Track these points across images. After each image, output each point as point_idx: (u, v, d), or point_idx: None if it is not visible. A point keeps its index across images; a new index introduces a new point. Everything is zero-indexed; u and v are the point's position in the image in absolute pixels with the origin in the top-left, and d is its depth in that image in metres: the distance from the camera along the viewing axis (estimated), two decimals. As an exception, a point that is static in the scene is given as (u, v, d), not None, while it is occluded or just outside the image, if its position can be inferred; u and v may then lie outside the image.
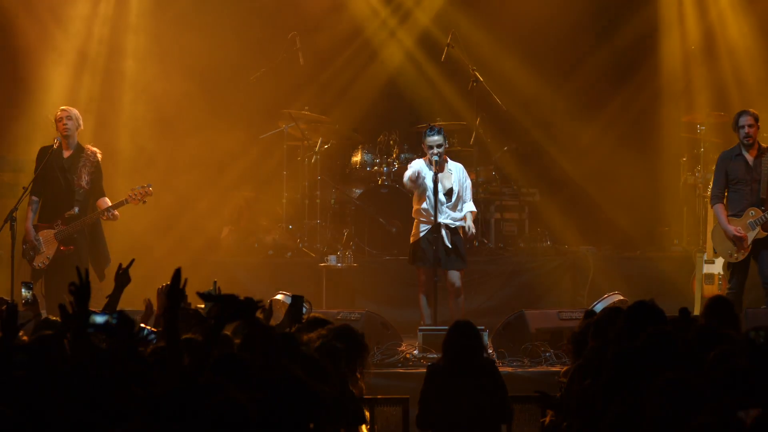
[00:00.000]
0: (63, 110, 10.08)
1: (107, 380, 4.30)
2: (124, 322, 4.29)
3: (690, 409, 4.14)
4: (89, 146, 10.17)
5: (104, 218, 10.00)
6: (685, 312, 6.46)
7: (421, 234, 10.18)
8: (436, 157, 10.02)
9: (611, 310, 6.79)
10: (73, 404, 4.15)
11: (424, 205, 10.16)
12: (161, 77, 13.37)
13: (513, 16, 13.96)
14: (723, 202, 10.12)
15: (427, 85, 13.99)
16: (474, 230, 10.28)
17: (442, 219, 10.04)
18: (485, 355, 7.26)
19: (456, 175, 10.21)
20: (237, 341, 5.31)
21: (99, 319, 4.41)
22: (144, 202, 10.12)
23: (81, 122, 10.13)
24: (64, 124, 9.98)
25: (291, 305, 6.44)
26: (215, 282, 6.64)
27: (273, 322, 6.48)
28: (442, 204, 10.05)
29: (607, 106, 13.93)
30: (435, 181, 9.97)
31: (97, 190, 10.11)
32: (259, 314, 6.14)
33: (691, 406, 4.14)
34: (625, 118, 13.94)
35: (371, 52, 14.14)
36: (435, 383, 6.92)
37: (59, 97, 12.39)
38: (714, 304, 6.96)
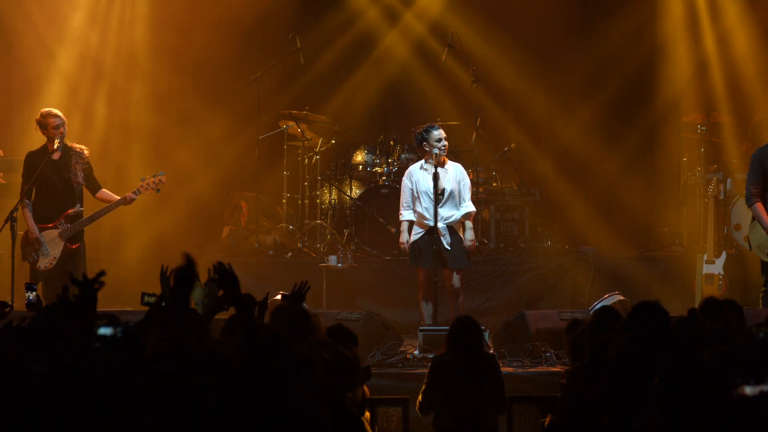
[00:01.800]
0: (57, 116, 10.03)
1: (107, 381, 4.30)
2: (128, 336, 4.27)
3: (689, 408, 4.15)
4: (74, 144, 10.18)
5: (125, 204, 10.02)
6: (693, 313, 6.48)
7: (418, 235, 10.17)
8: (437, 150, 10.00)
9: (605, 310, 6.83)
10: (76, 404, 4.15)
11: (419, 208, 10.15)
12: (161, 77, 13.39)
13: (513, 17, 13.97)
14: (760, 201, 9.96)
15: (427, 85, 13.99)
16: (472, 241, 10.18)
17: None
18: (488, 350, 7.36)
19: (451, 174, 10.15)
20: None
21: (103, 331, 4.38)
22: (158, 190, 10.14)
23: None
24: (61, 132, 9.99)
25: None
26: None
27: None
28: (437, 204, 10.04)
29: (607, 106, 13.93)
30: (435, 178, 9.94)
31: (93, 184, 10.13)
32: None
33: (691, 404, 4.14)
34: (625, 118, 13.94)
35: (372, 52, 14.15)
36: (438, 375, 7.07)
37: (59, 99, 12.40)
38: (707, 305, 6.99)
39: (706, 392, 4.01)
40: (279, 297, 9.60)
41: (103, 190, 10.16)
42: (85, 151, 10.13)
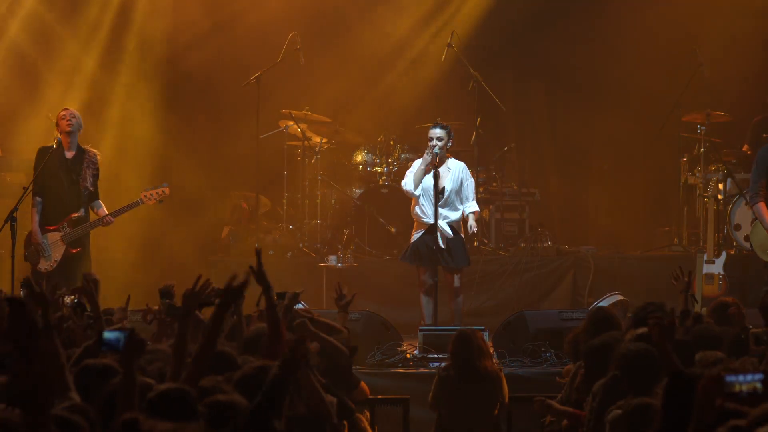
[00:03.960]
0: (66, 109, 10.04)
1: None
2: (134, 342, 4.27)
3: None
4: (89, 147, 10.14)
5: (103, 224, 9.96)
6: (699, 318, 6.52)
7: (419, 234, 10.17)
8: (436, 150, 10.00)
9: (599, 311, 6.88)
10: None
11: (420, 207, 10.15)
12: (160, 76, 13.40)
13: (512, 16, 13.96)
14: (763, 200, 9.92)
15: (427, 85, 13.98)
16: (475, 229, 10.22)
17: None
18: (491, 362, 7.36)
19: (453, 173, 10.14)
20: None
21: (110, 336, 4.38)
22: (161, 202, 10.10)
23: (82, 123, 10.09)
24: (68, 121, 9.89)
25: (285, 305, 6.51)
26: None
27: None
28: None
29: (606, 105, 13.92)
30: (435, 177, 9.93)
31: (95, 192, 10.08)
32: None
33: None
34: (625, 117, 13.93)
35: (372, 52, 14.14)
36: (442, 389, 7.17)
37: (58, 97, 12.41)
38: (717, 308, 7.03)
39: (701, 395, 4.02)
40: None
41: (100, 203, 10.08)
42: (98, 156, 10.09)
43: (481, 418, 7.07)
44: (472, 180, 10.37)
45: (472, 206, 10.23)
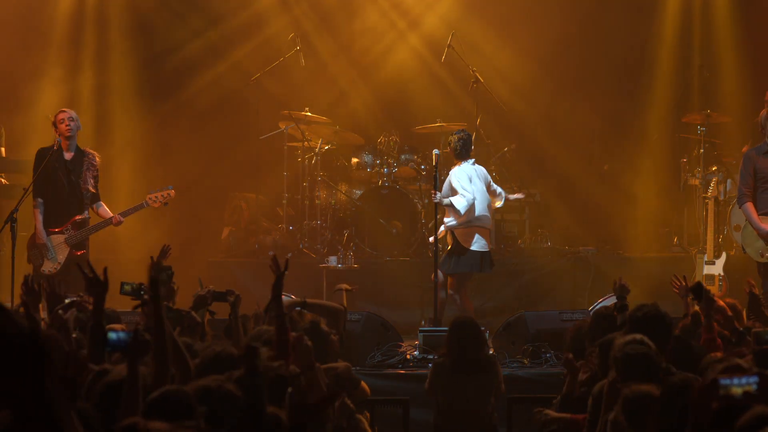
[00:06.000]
0: (64, 111, 10.01)
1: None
2: (139, 342, 4.27)
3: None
4: (89, 149, 10.13)
5: (113, 224, 9.95)
6: (696, 316, 6.51)
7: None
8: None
9: (604, 311, 6.87)
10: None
11: None
12: (161, 76, 13.40)
13: (513, 18, 13.97)
14: (751, 201, 9.92)
15: (427, 85, 13.98)
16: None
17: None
18: (487, 352, 7.38)
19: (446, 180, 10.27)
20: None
21: (114, 336, 4.37)
22: (166, 204, 10.06)
23: (80, 124, 10.08)
24: (67, 125, 9.88)
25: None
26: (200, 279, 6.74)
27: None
28: None
29: (607, 106, 13.93)
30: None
31: (96, 194, 10.07)
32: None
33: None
34: (625, 118, 13.95)
35: (372, 53, 14.14)
36: (438, 377, 7.13)
37: (57, 97, 12.42)
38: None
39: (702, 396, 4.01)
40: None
41: (101, 203, 10.07)
42: (97, 158, 10.08)
43: (476, 406, 7.04)
44: (455, 177, 10.23)
45: (451, 198, 10.16)
